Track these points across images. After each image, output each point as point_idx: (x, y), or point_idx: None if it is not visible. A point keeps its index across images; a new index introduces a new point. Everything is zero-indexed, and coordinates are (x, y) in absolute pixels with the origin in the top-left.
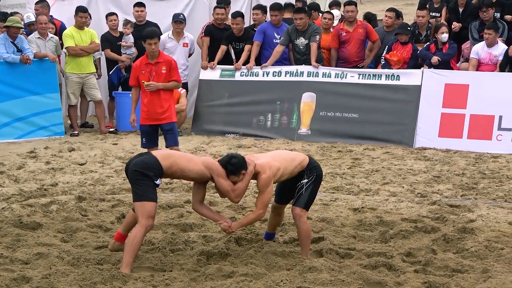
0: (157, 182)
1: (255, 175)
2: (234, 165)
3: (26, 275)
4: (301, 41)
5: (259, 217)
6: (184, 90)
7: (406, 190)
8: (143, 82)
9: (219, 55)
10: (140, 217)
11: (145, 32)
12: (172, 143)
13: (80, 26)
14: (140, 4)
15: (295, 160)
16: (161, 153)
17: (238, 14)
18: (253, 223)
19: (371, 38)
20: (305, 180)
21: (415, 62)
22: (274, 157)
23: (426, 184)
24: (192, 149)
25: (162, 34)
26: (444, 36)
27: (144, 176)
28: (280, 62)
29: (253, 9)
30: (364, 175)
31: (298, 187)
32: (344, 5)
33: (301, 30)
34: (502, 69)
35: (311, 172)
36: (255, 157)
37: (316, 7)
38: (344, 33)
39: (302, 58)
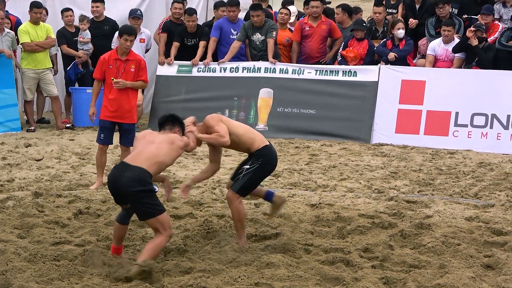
0: (156, 189)
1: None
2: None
3: None
4: (258, 37)
5: (215, 139)
6: None
7: (363, 186)
8: (112, 79)
9: (173, 51)
10: (161, 230)
11: (124, 27)
12: (128, 144)
13: (35, 21)
14: (97, 0)
15: (250, 134)
16: (140, 158)
17: (194, 11)
18: (210, 140)
19: (334, 35)
20: (247, 166)
21: (372, 58)
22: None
23: (383, 180)
24: None
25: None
26: (400, 32)
27: (146, 193)
28: (237, 58)
29: (214, 6)
30: (322, 171)
31: (240, 171)
32: (310, 0)
33: (257, 26)
34: (455, 52)
35: (257, 159)
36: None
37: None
38: (308, 28)
39: (259, 54)
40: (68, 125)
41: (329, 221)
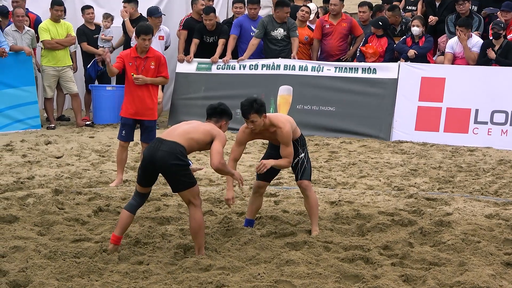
0: (191, 163)
1: (273, 131)
2: (259, 103)
3: (3, 268)
4: (280, 32)
5: (287, 164)
6: None
7: (383, 184)
8: (132, 75)
9: (192, 48)
10: (192, 199)
11: (140, 27)
12: (149, 141)
13: (55, 19)
14: (125, 0)
15: (295, 124)
16: (174, 134)
17: (211, 10)
18: (281, 168)
19: (355, 32)
20: (302, 155)
21: (391, 55)
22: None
23: (403, 177)
24: None
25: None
26: (415, 29)
27: (181, 166)
28: (257, 55)
29: (234, 2)
30: (341, 169)
31: (297, 162)
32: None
33: (280, 22)
34: (478, 63)
35: (304, 146)
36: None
37: None
38: (328, 26)
39: (279, 48)
40: (88, 123)
41: (349, 219)
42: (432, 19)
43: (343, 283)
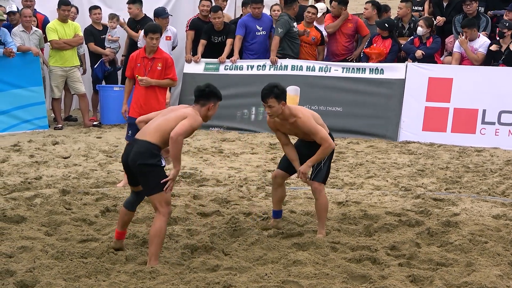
0: (163, 164)
1: (292, 121)
2: (281, 89)
3: (10, 268)
4: (296, 27)
5: (328, 149)
6: None
7: (390, 184)
8: (137, 76)
9: (200, 49)
10: (159, 206)
11: (148, 26)
12: None
13: (63, 19)
14: (130, 1)
15: (321, 122)
16: (147, 131)
17: (218, 8)
18: (323, 157)
19: (362, 32)
20: None
21: (394, 57)
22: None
23: (410, 177)
24: None
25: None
26: (419, 30)
27: (150, 166)
28: (263, 55)
29: (242, 4)
30: (348, 169)
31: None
32: (331, 1)
33: (294, 17)
34: (485, 63)
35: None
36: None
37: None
38: None
39: (299, 43)
40: (95, 123)
41: (356, 219)
42: (440, 19)
43: (350, 283)
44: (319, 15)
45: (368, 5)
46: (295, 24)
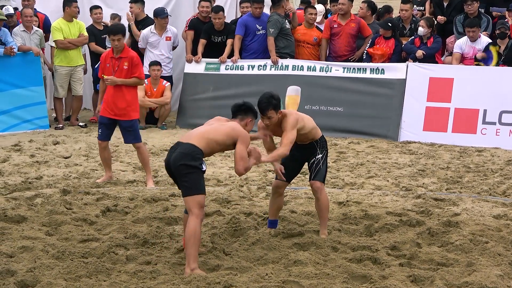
0: (204, 168)
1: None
2: (277, 99)
3: (11, 268)
4: (288, 25)
5: (283, 154)
6: (169, 83)
7: (391, 184)
8: (103, 76)
9: (200, 48)
10: (193, 208)
11: (109, 28)
12: (131, 140)
13: (72, 17)
14: (131, 1)
15: (314, 124)
16: (191, 135)
17: (220, 9)
18: (277, 160)
19: (364, 33)
20: (320, 155)
21: (398, 57)
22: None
23: (411, 177)
24: None
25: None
26: (420, 30)
27: (191, 168)
28: (263, 55)
29: (241, 2)
30: (349, 169)
31: (313, 162)
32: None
33: (284, 15)
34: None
35: (323, 147)
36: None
37: None
38: (336, 26)
39: (292, 40)
40: (81, 124)
41: (357, 219)
42: (441, 18)
43: (351, 283)
44: (319, 18)
45: (364, 5)
46: (286, 21)
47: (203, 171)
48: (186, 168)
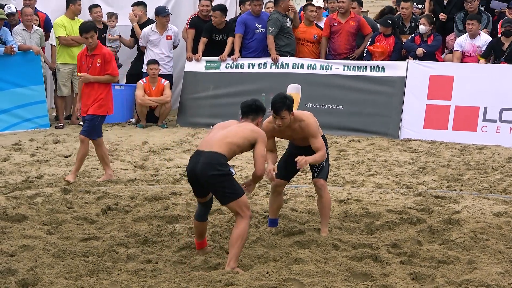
0: (234, 172)
1: (295, 126)
2: (291, 100)
3: (12, 267)
4: (289, 23)
5: (323, 157)
6: (168, 81)
7: (391, 182)
8: (77, 74)
9: (201, 47)
10: (240, 211)
11: (81, 26)
12: (82, 133)
13: (73, 16)
14: (133, 4)
15: (317, 122)
16: (211, 142)
17: (217, 8)
18: (317, 162)
19: (364, 31)
20: None
21: (398, 55)
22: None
23: (412, 175)
24: (177, 141)
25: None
26: (422, 28)
27: (223, 176)
28: (263, 53)
29: (240, 2)
30: (350, 167)
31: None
32: None
33: (285, 13)
34: (485, 56)
35: (325, 145)
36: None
37: None
38: (336, 24)
39: (293, 38)
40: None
41: (357, 217)
42: (443, 16)
43: (351, 281)
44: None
45: (355, 3)
46: (287, 19)
47: (233, 175)
48: (218, 177)
